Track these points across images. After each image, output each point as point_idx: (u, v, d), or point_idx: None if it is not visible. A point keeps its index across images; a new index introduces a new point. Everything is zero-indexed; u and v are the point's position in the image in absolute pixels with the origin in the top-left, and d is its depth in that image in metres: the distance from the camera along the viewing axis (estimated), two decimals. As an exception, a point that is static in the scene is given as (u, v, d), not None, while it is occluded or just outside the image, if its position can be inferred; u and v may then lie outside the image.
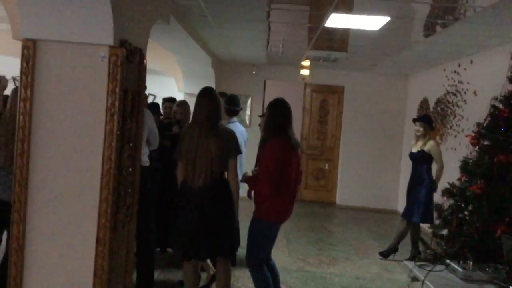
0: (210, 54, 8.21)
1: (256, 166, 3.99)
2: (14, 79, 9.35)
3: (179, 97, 9.26)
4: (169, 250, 5.08)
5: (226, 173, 3.69)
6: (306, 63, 9.27)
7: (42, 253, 3.24)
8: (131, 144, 3.56)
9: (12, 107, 3.49)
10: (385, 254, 6.05)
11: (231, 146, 3.51)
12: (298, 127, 9.67)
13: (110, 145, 3.19)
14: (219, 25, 5.93)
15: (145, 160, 4.03)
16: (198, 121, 3.50)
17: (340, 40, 7.38)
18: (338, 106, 9.80)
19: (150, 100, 8.83)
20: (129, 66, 3.32)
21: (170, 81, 9.49)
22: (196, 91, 9.25)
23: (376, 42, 6.77)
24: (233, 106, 5.02)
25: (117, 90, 3.17)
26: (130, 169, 3.60)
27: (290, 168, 3.60)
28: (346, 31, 6.43)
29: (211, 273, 4.27)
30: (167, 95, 9.30)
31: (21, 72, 3.19)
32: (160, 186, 4.60)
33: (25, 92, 3.19)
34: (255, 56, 8.67)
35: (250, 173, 3.90)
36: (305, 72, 9.58)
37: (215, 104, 3.56)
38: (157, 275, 4.61)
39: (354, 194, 9.71)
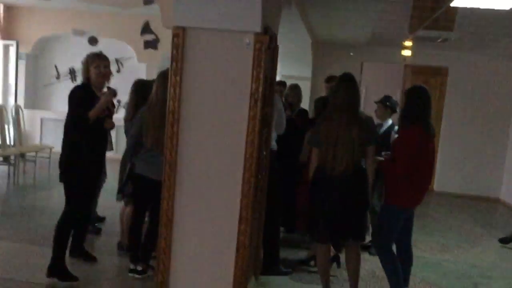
0: (311, 35, 8.17)
1: (386, 151, 3.97)
2: (117, 61, 9.94)
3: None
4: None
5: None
6: (408, 43, 8.97)
7: (188, 228, 3.46)
8: (266, 129, 3.69)
9: (159, 92, 3.70)
10: (506, 241, 5.86)
11: (371, 134, 3.52)
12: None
13: (253, 129, 3.32)
14: (330, 5, 5.87)
15: (273, 144, 4.15)
16: (338, 107, 3.52)
17: (447, 19, 7.08)
18: (440, 88, 9.41)
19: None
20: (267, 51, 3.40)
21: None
22: (294, 73, 9.30)
23: (490, 22, 6.40)
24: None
25: (261, 76, 3.28)
26: (264, 153, 3.74)
27: (426, 156, 3.56)
28: (453, 9, 6.15)
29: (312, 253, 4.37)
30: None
31: (172, 59, 3.39)
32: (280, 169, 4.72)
33: (174, 78, 3.38)
34: (355, 37, 8.51)
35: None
36: (406, 52, 9.27)
37: (356, 91, 3.57)
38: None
39: (453, 180, 9.35)
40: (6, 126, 7.28)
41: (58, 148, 8.46)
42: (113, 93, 3.92)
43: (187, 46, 3.34)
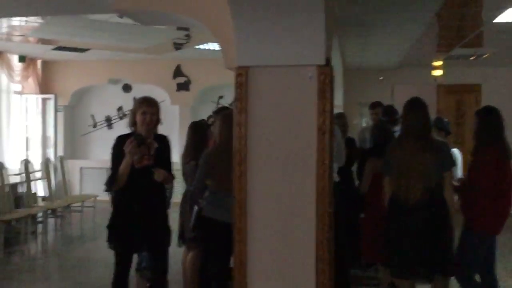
0: (342, 64, 8.20)
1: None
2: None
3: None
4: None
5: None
6: (438, 63, 8.94)
7: (263, 270, 3.38)
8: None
9: (223, 132, 3.69)
10: None
11: (446, 159, 3.42)
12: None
13: (323, 163, 3.27)
14: (369, 33, 5.91)
15: (335, 176, 4.08)
16: (409, 133, 3.45)
17: (476, 35, 7.06)
18: (476, 105, 9.27)
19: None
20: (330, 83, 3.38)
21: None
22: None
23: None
24: (394, 115, 4.98)
25: (327, 108, 3.25)
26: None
27: (505, 179, 3.42)
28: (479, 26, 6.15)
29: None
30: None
31: (236, 99, 3.40)
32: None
33: (239, 116, 3.38)
34: (385, 62, 8.52)
35: (456, 183, 3.78)
36: (437, 72, 9.23)
37: (426, 115, 3.50)
38: None
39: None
40: (52, 178, 7.38)
41: (102, 197, 8.61)
42: (138, 140, 3.40)
43: (250, 84, 3.34)
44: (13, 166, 8.37)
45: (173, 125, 10.01)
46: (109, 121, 10.40)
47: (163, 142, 3.41)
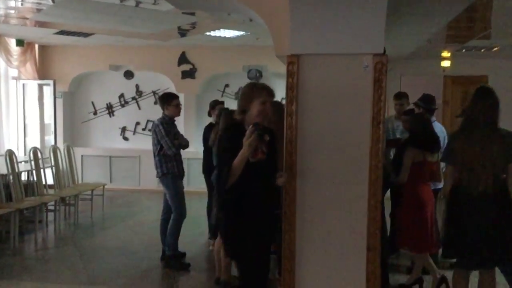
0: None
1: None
2: (154, 93, 9.93)
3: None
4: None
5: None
6: (447, 54, 8.95)
7: (313, 259, 3.35)
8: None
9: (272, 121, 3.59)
10: None
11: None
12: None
13: (377, 153, 3.24)
14: (396, 23, 5.81)
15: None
16: (475, 122, 3.35)
17: (484, 27, 7.09)
18: (482, 97, 9.35)
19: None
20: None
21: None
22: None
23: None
24: (431, 105, 4.97)
25: (382, 98, 3.21)
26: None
27: None
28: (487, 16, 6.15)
29: (438, 276, 4.21)
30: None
31: (287, 88, 3.33)
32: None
33: (290, 106, 3.32)
34: (397, 52, 8.46)
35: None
36: (445, 63, 9.25)
37: (494, 104, 3.39)
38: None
39: None
40: (61, 167, 7.21)
41: (110, 185, 8.46)
42: (260, 132, 2.74)
43: (302, 73, 3.28)
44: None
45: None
46: (110, 108, 10.20)
47: (271, 135, 2.91)
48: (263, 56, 9.34)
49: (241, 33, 7.90)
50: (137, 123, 10.12)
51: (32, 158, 6.61)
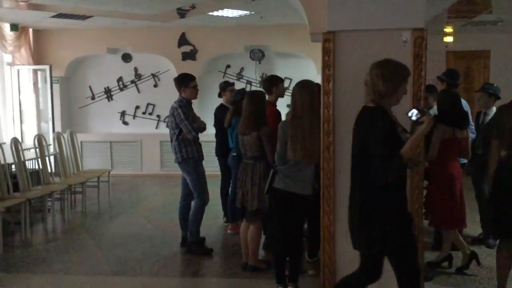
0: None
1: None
2: (154, 75, 9.73)
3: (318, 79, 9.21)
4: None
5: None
6: (449, 29, 8.88)
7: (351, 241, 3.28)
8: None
9: (305, 101, 3.48)
10: None
11: None
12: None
13: (419, 131, 3.15)
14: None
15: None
16: None
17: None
18: (484, 71, 9.32)
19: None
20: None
21: (307, 63, 9.40)
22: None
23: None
24: (456, 80, 4.91)
25: (423, 74, 3.12)
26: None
27: None
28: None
29: (468, 252, 4.19)
30: (305, 77, 9.22)
31: (323, 66, 3.22)
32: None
33: (327, 85, 3.21)
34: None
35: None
36: (448, 39, 9.18)
37: None
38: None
39: None
40: (65, 154, 7.04)
41: (113, 171, 8.29)
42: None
43: (338, 50, 3.17)
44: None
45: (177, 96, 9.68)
46: (109, 93, 9.97)
47: None
48: (265, 36, 9.18)
49: (245, 12, 7.71)
50: (137, 107, 9.92)
51: (37, 145, 6.43)
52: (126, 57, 9.80)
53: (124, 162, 9.74)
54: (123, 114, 9.98)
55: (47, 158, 6.58)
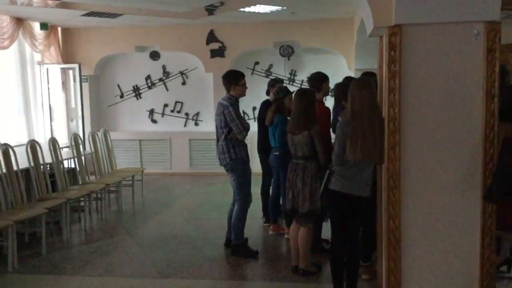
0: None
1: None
2: (182, 73, 9.63)
3: (350, 75, 9.01)
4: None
5: None
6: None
7: (421, 246, 3.15)
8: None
9: (364, 98, 3.32)
10: None
11: None
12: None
13: (492, 128, 3.00)
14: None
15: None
16: None
17: None
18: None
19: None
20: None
21: (338, 58, 9.22)
22: (368, 67, 8.92)
23: None
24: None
25: (496, 69, 2.95)
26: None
27: None
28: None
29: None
30: (335, 73, 9.11)
31: (388, 61, 3.07)
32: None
33: (393, 81, 3.06)
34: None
35: None
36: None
37: None
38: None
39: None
40: (100, 153, 7.00)
41: (149, 169, 8.23)
42: None
43: (405, 45, 3.01)
44: (43, 140, 7.99)
45: (207, 93, 9.61)
46: (137, 91, 9.92)
47: None
48: (294, 32, 9.03)
49: (277, 8, 7.56)
50: (165, 105, 9.86)
51: (73, 144, 6.39)
52: (154, 55, 9.74)
53: (154, 160, 9.69)
54: (151, 112, 9.93)
55: (82, 157, 6.55)
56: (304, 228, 4.05)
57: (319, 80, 4.67)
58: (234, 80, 4.66)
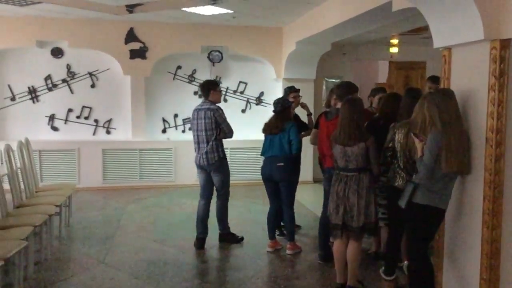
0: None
1: None
2: (91, 74, 8.53)
3: (277, 84, 9.04)
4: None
5: None
6: (395, 40, 9.44)
7: (516, 256, 3.21)
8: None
9: (453, 109, 3.27)
10: None
11: None
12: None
13: None
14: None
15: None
16: None
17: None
18: (421, 81, 10.09)
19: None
20: None
21: (265, 67, 9.16)
22: (298, 76, 9.03)
23: None
24: None
25: None
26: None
27: None
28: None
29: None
30: (261, 81, 8.96)
31: (499, 75, 3.08)
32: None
33: (499, 94, 3.08)
34: (354, 39, 8.53)
35: None
36: (394, 49, 9.76)
37: None
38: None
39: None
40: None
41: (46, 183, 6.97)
42: None
43: (510, 59, 3.06)
44: None
45: (123, 98, 8.64)
46: (33, 93, 8.47)
47: None
48: (223, 37, 8.69)
49: (222, 11, 7.18)
50: (70, 110, 8.62)
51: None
52: (56, 52, 8.45)
53: (56, 174, 8.34)
54: (51, 118, 8.58)
55: None
56: (357, 243, 3.86)
57: (349, 89, 4.48)
58: (212, 86, 5.14)
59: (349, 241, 3.89)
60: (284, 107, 4.90)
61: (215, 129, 4.99)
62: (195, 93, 8.97)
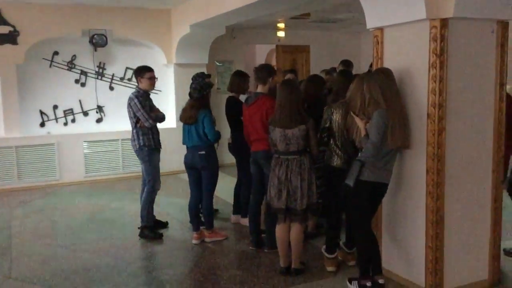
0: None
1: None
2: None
3: (168, 69, 8.63)
4: None
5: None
6: (281, 25, 9.59)
7: (458, 229, 3.45)
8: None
9: (394, 88, 3.35)
10: None
11: None
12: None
13: (502, 112, 3.52)
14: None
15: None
16: None
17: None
18: (305, 64, 10.43)
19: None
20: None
21: (154, 52, 8.66)
22: (190, 61, 8.79)
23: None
24: None
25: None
26: None
27: None
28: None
29: None
30: (154, 67, 8.22)
31: (439, 52, 3.20)
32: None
33: (440, 71, 3.22)
34: (243, 22, 8.43)
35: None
36: (281, 33, 9.92)
37: None
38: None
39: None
40: None
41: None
42: None
43: (449, 38, 3.22)
44: None
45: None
46: None
47: None
48: (106, 20, 7.97)
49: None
50: None
51: None
52: None
53: None
54: None
55: None
56: (300, 225, 3.81)
57: (268, 72, 4.38)
58: (139, 74, 5.00)
59: (292, 224, 3.84)
60: (202, 94, 4.62)
61: (134, 117, 4.95)
62: (77, 81, 8.17)
